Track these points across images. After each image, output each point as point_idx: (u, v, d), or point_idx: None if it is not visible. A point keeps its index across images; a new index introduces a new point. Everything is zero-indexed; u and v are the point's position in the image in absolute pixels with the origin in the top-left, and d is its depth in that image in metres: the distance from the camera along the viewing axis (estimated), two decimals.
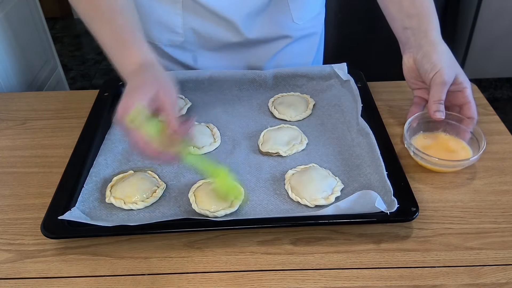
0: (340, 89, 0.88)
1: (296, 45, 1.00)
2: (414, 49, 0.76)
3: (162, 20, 0.91)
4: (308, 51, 1.04)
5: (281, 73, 0.91)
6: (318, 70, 0.91)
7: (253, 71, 0.92)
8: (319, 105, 0.87)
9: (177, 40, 0.93)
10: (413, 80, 0.80)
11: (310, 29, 1.01)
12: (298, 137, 0.78)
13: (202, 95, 0.91)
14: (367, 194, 0.61)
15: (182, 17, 0.90)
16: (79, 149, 0.76)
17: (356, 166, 0.72)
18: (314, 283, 0.58)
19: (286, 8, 0.93)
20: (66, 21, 3.53)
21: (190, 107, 0.87)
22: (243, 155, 0.76)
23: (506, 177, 0.72)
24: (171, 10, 0.89)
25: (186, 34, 0.92)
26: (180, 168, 0.74)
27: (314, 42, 1.04)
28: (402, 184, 0.66)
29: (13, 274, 0.60)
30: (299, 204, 0.66)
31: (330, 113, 0.85)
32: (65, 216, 0.63)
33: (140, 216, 0.66)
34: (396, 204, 0.61)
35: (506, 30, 2.17)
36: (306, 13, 0.97)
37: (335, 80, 0.90)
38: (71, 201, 0.66)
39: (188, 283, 0.59)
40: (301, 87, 0.91)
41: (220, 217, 0.64)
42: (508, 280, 0.57)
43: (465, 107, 0.76)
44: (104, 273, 0.60)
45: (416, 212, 0.62)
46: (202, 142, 0.77)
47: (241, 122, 0.84)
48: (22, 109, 0.92)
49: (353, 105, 0.83)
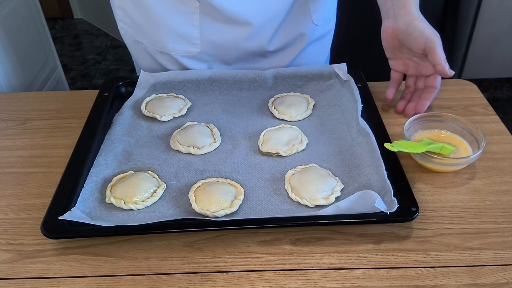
0: (340, 89, 0.88)
1: (311, 47, 1.00)
2: (393, 19, 0.80)
3: (178, 31, 0.90)
4: (322, 52, 1.05)
5: (281, 73, 0.91)
6: (318, 70, 0.91)
7: (253, 71, 0.91)
8: (319, 105, 0.87)
9: (193, 51, 0.93)
10: (391, 49, 0.84)
11: (325, 30, 1.01)
12: (298, 137, 0.78)
13: (202, 95, 0.91)
14: (367, 194, 0.61)
15: (199, 29, 0.90)
16: (79, 149, 0.76)
17: (356, 166, 0.72)
18: (314, 283, 0.58)
19: (306, 9, 0.93)
20: (66, 21, 3.53)
21: (190, 107, 0.88)
22: (243, 155, 0.76)
23: (506, 177, 0.72)
24: (188, 21, 0.89)
25: (203, 45, 0.92)
26: (180, 168, 0.74)
27: (327, 42, 1.04)
28: (402, 184, 0.66)
29: (13, 274, 0.60)
30: (299, 204, 0.66)
31: (330, 113, 0.85)
32: (65, 216, 0.63)
33: (140, 216, 0.66)
34: (396, 204, 0.62)
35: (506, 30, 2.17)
36: (325, 13, 0.97)
37: (335, 80, 0.90)
38: (71, 201, 0.66)
39: (188, 283, 0.59)
40: (301, 87, 0.91)
41: (220, 217, 0.64)
42: (508, 280, 0.57)
43: (432, 77, 0.82)
44: (104, 273, 0.60)
45: (416, 212, 0.62)
46: (202, 142, 0.77)
47: (241, 122, 0.84)
48: (22, 109, 0.92)
49: (353, 105, 0.83)
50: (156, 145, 0.79)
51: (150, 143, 0.79)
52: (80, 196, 0.67)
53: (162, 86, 0.92)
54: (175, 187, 0.70)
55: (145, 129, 0.83)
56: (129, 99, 0.89)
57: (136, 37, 0.95)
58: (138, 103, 0.88)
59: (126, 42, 1.00)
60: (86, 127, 0.81)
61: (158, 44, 0.93)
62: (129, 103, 0.88)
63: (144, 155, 0.77)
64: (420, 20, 0.78)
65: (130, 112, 0.86)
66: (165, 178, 0.72)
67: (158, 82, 0.92)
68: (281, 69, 0.92)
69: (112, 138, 0.79)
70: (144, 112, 0.86)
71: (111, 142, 0.79)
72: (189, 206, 0.66)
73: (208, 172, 0.73)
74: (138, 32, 0.94)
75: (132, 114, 0.86)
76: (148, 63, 0.99)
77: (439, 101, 0.89)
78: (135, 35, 0.95)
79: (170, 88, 0.92)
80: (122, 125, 0.83)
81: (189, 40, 0.91)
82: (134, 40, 0.96)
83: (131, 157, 0.76)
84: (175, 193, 0.69)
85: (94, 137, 0.78)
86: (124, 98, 0.90)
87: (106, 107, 0.86)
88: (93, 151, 0.76)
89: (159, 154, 0.77)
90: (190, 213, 0.65)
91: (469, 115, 0.86)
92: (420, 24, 0.77)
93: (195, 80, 0.91)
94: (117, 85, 0.92)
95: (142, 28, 0.93)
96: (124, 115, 0.85)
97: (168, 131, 0.82)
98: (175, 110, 0.86)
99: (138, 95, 0.91)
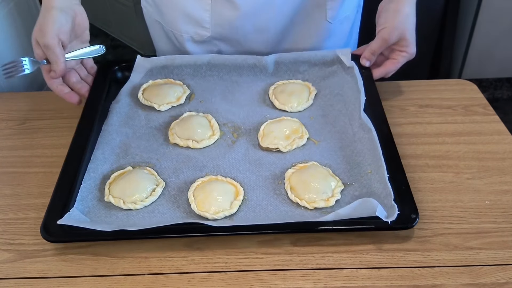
0: (343, 76, 0.85)
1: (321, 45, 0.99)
2: (385, 1, 0.85)
3: (190, 13, 0.91)
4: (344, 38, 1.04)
5: (283, 58, 0.89)
6: (321, 55, 0.88)
7: (254, 56, 0.89)
8: (321, 94, 0.85)
9: (204, 34, 0.94)
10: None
11: (336, 28, 0.99)
12: (299, 131, 0.77)
13: (201, 80, 0.89)
14: (368, 202, 0.61)
15: (211, 13, 0.90)
16: (76, 141, 0.75)
17: (357, 164, 0.71)
18: (314, 283, 0.58)
19: (322, 6, 0.93)
20: None
21: (189, 95, 0.86)
22: (242, 150, 0.75)
23: (506, 177, 0.72)
24: (200, 6, 0.90)
25: (213, 29, 0.92)
26: (179, 163, 0.73)
27: (338, 42, 1.02)
28: (404, 188, 0.66)
29: (13, 274, 0.60)
30: (298, 205, 0.66)
31: (332, 103, 0.83)
32: (64, 220, 0.62)
33: (139, 216, 0.66)
34: (396, 210, 0.61)
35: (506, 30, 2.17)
36: (341, 12, 0.96)
37: (338, 66, 0.87)
38: (70, 199, 0.66)
39: (188, 283, 0.59)
40: (303, 73, 0.89)
41: (219, 219, 0.64)
42: (508, 280, 0.57)
43: (390, 61, 0.86)
44: (104, 273, 0.60)
45: (416, 219, 0.61)
46: (201, 135, 0.76)
47: (241, 113, 0.82)
48: (22, 109, 0.92)
49: (356, 94, 0.80)
50: (154, 137, 0.78)
51: (148, 135, 0.78)
52: (78, 194, 0.67)
53: (159, 70, 0.90)
54: (174, 185, 0.70)
55: (143, 118, 0.82)
56: (126, 85, 0.88)
57: (156, 16, 0.98)
58: (135, 90, 0.87)
59: (147, 22, 1.03)
60: (83, 118, 0.80)
61: (171, 25, 0.95)
62: (125, 90, 0.87)
63: (142, 148, 0.76)
64: (396, 11, 0.82)
65: (127, 100, 0.85)
66: (163, 175, 0.71)
67: (155, 66, 0.90)
68: (282, 54, 0.89)
69: (109, 129, 0.79)
70: (142, 101, 0.84)
71: (109, 133, 0.78)
72: (188, 206, 0.66)
73: (207, 168, 0.72)
74: (157, 12, 0.97)
75: (129, 102, 0.85)
76: (165, 45, 1.00)
77: (440, 100, 0.89)
78: (155, 14, 0.98)
79: (167, 73, 0.90)
80: (119, 114, 0.82)
81: (200, 24, 0.92)
82: (154, 20, 0.99)
83: (129, 150, 0.75)
84: (174, 192, 0.69)
85: (91, 129, 0.77)
86: (120, 84, 0.88)
87: (103, 94, 0.84)
88: (91, 144, 0.75)
89: (157, 147, 0.76)
90: (190, 213, 0.65)
91: (469, 115, 0.85)
92: (391, 15, 0.82)
93: (193, 64, 0.89)
94: (113, 69, 0.90)
95: (160, 8, 0.95)
96: (121, 103, 0.84)
97: (166, 121, 0.81)
98: (173, 99, 0.84)
99: (135, 81, 0.89)
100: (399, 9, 0.82)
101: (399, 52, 0.85)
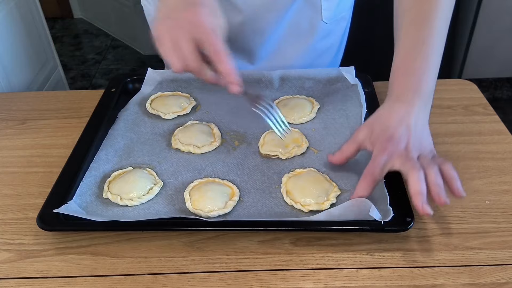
0: (346, 93, 0.87)
1: (317, 45, 0.99)
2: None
3: None
4: (327, 51, 1.04)
5: (288, 74, 0.91)
6: (326, 73, 0.90)
7: (260, 72, 0.91)
8: (324, 109, 0.86)
9: None
10: None
11: (333, 28, 0.99)
12: (299, 140, 0.77)
13: (208, 94, 0.91)
14: (362, 202, 0.61)
15: None
16: (81, 143, 0.77)
17: (356, 173, 0.70)
18: (314, 283, 0.58)
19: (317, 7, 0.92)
20: (66, 21, 3.53)
21: (194, 106, 0.88)
22: (242, 156, 0.76)
23: (506, 177, 0.72)
24: None
25: None
26: (178, 166, 0.74)
27: (335, 41, 1.03)
28: (400, 193, 0.65)
29: (13, 274, 0.60)
30: (293, 208, 0.66)
31: (335, 117, 0.84)
32: (61, 210, 0.63)
33: (135, 212, 0.66)
34: (391, 213, 0.60)
35: (506, 30, 2.17)
36: (336, 12, 0.96)
37: (342, 83, 0.89)
38: (69, 194, 0.67)
39: (188, 283, 0.59)
40: (307, 90, 0.90)
41: (213, 217, 0.64)
42: (508, 280, 0.57)
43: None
44: (104, 273, 0.60)
45: (411, 222, 0.61)
46: (202, 141, 0.77)
47: (243, 123, 0.83)
48: (22, 109, 0.92)
49: (358, 110, 0.82)
50: (158, 142, 0.79)
51: (152, 140, 0.80)
52: (78, 189, 0.68)
53: (169, 84, 0.92)
54: (172, 185, 0.70)
55: (148, 125, 0.83)
56: (136, 95, 0.90)
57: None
58: (144, 100, 0.89)
59: (148, 20, 1.02)
60: (90, 122, 0.82)
61: None
62: (135, 100, 0.89)
63: (144, 151, 0.77)
64: (384, 109, 0.69)
65: (135, 109, 0.87)
66: (162, 176, 0.72)
67: (165, 79, 0.93)
68: (287, 70, 0.91)
69: (115, 133, 0.80)
70: (149, 109, 0.86)
71: (114, 137, 0.79)
72: (184, 205, 0.66)
73: (206, 171, 0.73)
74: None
75: (137, 111, 0.87)
76: None
77: (440, 101, 0.89)
78: (154, 12, 0.97)
79: (176, 86, 0.92)
80: (126, 121, 0.84)
81: None
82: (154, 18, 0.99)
83: (132, 153, 0.77)
84: (171, 191, 0.69)
85: (97, 132, 0.79)
86: (130, 95, 0.90)
87: (112, 103, 0.87)
88: (95, 146, 0.76)
89: (159, 152, 0.77)
90: (184, 212, 0.66)
91: (469, 115, 0.85)
92: (375, 114, 0.69)
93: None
94: (124, 81, 0.92)
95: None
96: (129, 111, 0.86)
97: (170, 129, 0.82)
98: (179, 109, 0.86)
99: (145, 92, 0.92)
100: (390, 104, 0.68)
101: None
